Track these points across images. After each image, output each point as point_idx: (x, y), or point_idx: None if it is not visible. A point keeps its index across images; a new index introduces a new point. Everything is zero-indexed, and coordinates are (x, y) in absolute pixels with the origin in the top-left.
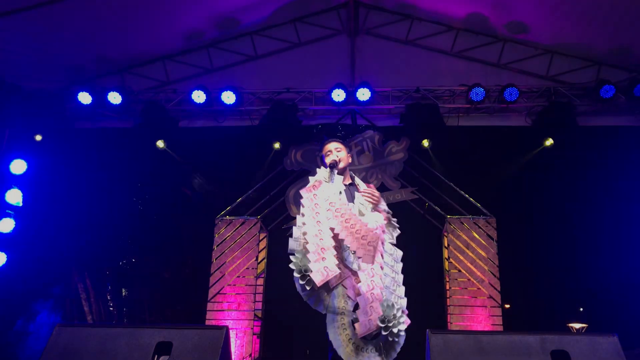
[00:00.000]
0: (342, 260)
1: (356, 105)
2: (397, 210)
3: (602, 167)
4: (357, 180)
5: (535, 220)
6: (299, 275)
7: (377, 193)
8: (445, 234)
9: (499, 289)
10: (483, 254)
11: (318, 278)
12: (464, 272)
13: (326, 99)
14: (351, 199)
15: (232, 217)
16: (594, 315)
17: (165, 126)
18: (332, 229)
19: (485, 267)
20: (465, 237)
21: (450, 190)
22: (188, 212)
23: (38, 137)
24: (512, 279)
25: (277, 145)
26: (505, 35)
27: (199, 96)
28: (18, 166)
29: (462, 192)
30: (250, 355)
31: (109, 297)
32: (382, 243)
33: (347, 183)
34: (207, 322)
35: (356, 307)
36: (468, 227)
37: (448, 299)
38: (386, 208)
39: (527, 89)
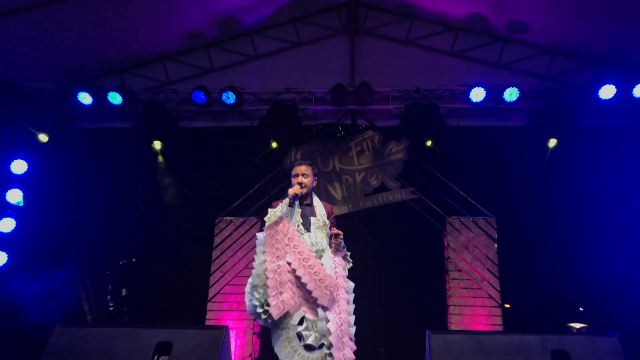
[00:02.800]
0: (302, 287)
1: (356, 106)
2: (397, 210)
3: (602, 167)
4: (315, 202)
5: (535, 220)
6: (261, 310)
7: (340, 236)
8: (445, 233)
9: (498, 288)
10: (483, 253)
11: (275, 312)
12: (464, 271)
13: (326, 99)
14: (307, 222)
15: (232, 217)
16: (594, 315)
17: (165, 126)
18: (289, 264)
19: (485, 267)
20: (465, 237)
21: (450, 190)
22: (188, 212)
23: (43, 138)
24: (512, 279)
25: (274, 145)
26: (505, 35)
27: (199, 96)
28: (18, 166)
29: (462, 192)
30: (250, 355)
31: (108, 297)
32: (344, 278)
33: (306, 203)
34: (207, 322)
35: (301, 321)
36: (468, 227)
37: (448, 299)
38: (343, 243)
39: (527, 89)
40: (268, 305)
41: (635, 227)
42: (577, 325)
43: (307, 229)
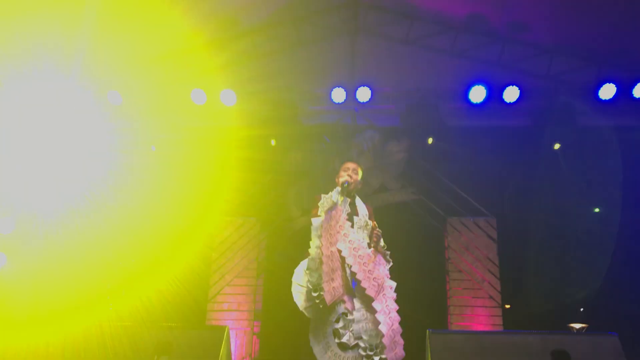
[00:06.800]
0: (349, 276)
1: (356, 106)
2: (397, 211)
3: (602, 167)
4: (358, 202)
5: (535, 220)
6: (315, 294)
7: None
8: (446, 234)
9: (499, 289)
10: (483, 254)
11: (329, 298)
12: (465, 272)
13: (326, 99)
14: (350, 220)
15: (232, 217)
16: (594, 315)
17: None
18: (339, 251)
19: (486, 268)
20: (466, 238)
21: (451, 191)
22: (188, 212)
23: None
24: (512, 279)
25: (272, 143)
26: (505, 35)
27: (199, 96)
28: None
29: (463, 193)
30: (250, 355)
31: (108, 297)
32: (387, 277)
33: (350, 202)
34: (207, 322)
35: (337, 319)
36: (468, 227)
37: (448, 299)
38: (382, 242)
39: (527, 88)
40: (322, 290)
41: (636, 227)
42: (577, 326)
43: (351, 227)
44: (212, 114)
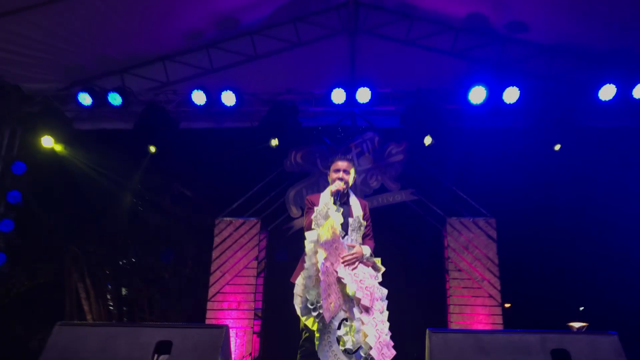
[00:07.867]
0: (342, 290)
1: (356, 107)
2: (397, 212)
3: (602, 168)
4: (352, 200)
5: (535, 220)
6: (315, 314)
7: (357, 253)
8: (446, 234)
9: (499, 288)
10: (483, 253)
11: (327, 315)
12: (464, 271)
13: (326, 100)
14: (344, 223)
15: (232, 218)
16: (594, 315)
17: (165, 127)
18: (331, 264)
19: (486, 267)
20: (466, 238)
21: (450, 191)
22: (188, 213)
23: (47, 141)
24: (512, 279)
25: (273, 142)
26: (505, 34)
27: (199, 97)
28: (18, 166)
29: (462, 193)
30: (250, 354)
31: (108, 296)
32: (376, 287)
33: (343, 202)
34: (207, 321)
35: (339, 325)
36: (468, 227)
37: (448, 299)
38: (368, 254)
39: (527, 89)
40: (321, 308)
41: (635, 226)
42: (577, 325)
43: (345, 231)
44: (212, 115)
